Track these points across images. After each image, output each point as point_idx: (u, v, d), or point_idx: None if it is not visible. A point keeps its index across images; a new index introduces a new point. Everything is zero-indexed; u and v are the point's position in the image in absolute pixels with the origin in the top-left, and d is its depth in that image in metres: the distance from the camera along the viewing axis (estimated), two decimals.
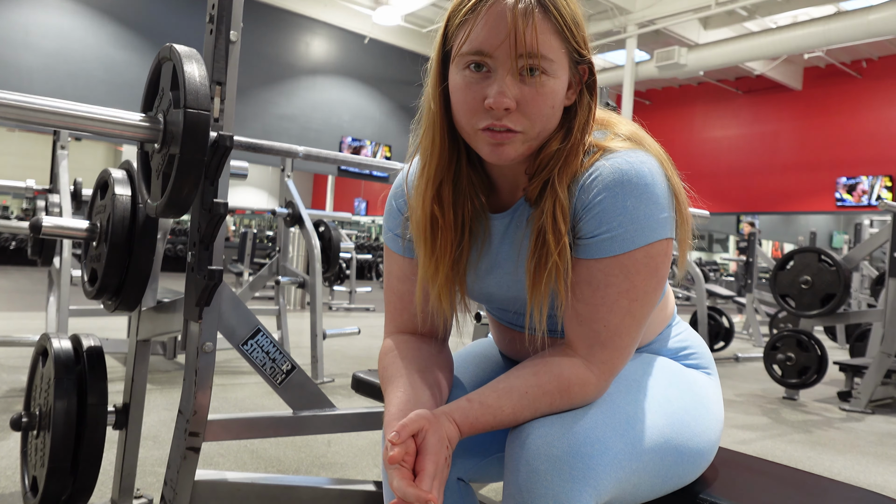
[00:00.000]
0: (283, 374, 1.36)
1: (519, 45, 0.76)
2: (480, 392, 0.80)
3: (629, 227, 0.78)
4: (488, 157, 0.81)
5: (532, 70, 0.77)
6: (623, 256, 0.79)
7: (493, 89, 0.77)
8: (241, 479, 1.41)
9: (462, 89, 0.80)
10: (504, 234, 0.90)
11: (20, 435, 1.55)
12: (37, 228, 1.42)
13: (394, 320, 0.97)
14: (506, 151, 0.80)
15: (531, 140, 0.81)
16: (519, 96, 0.78)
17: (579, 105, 0.83)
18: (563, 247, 0.80)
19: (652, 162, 0.81)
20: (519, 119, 0.78)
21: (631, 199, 0.78)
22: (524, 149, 0.81)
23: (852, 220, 10.55)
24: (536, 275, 0.82)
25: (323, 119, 13.43)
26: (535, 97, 0.78)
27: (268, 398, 2.92)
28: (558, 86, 0.80)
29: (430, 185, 0.87)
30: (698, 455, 0.88)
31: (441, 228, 0.87)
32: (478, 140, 0.81)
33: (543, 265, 0.81)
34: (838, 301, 3.56)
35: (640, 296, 0.80)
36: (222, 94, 1.22)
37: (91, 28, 10.84)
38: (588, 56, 0.82)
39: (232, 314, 1.30)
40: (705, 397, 0.94)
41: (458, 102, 0.81)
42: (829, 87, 14.43)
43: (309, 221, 3.53)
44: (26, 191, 3.26)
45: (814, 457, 2.59)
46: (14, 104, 1.09)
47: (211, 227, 1.19)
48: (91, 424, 1.34)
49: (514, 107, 0.78)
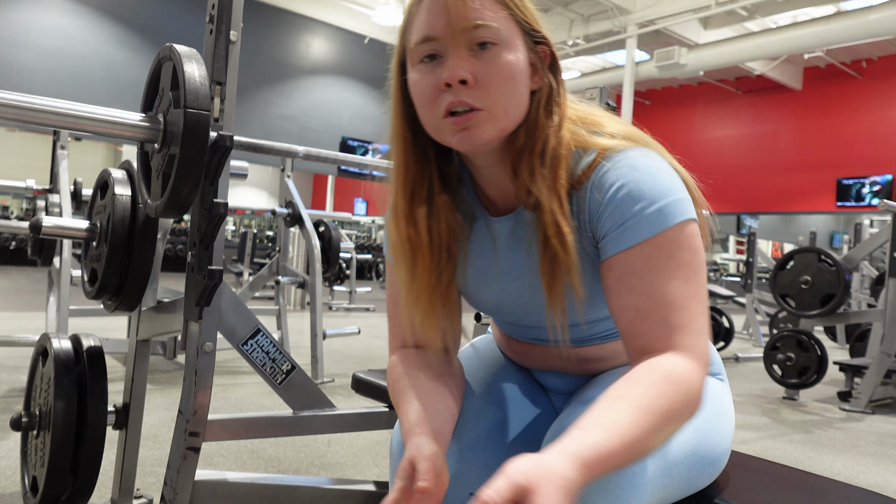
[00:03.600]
0: (283, 374, 1.36)
1: (455, 19, 0.75)
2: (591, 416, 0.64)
3: (655, 209, 0.74)
4: (458, 145, 0.78)
5: (482, 44, 0.76)
6: (658, 237, 0.74)
7: (446, 67, 0.76)
8: (241, 479, 1.41)
9: (419, 82, 0.79)
10: (510, 239, 0.87)
11: (20, 435, 1.55)
12: (37, 228, 1.42)
13: (398, 336, 0.93)
14: (474, 135, 0.77)
15: (499, 121, 0.77)
16: (474, 70, 0.76)
17: (540, 88, 0.81)
18: (564, 241, 0.77)
19: (654, 155, 0.79)
20: (479, 94, 0.76)
21: (647, 184, 0.75)
22: (494, 131, 0.78)
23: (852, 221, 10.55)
24: (551, 274, 0.78)
25: (323, 119, 13.43)
26: (490, 69, 0.76)
27: (268, 398, 2.92)
28: (514, 57, 0.77)
29: (403, 203, 0.84)
30: (717, 462, 0.87)
31: (418, 251, 0.84)
32: (444, 131, 0.78)
33: (554, 263, 0.78)
34: (838, 301, 3.56)
35: (692, 274, 0.74)
36: (222, 94, 1.22)
37: (91, 28, 10.85)
38: (542, 32, 0.81)
39: (232, 314, 1.30)
40: (721, 405, 0.93)
41: (419, 96, 0.79)
42: (829, 87, 14.43)
43: (309, 221, 3.53)
44: (26, 191, 3.27)
45: (814, 457, 2.59)
46: (14, 104, 1.09)
47: (211, 228, 1.19)
48: (91, 424, 1.34)
49: (472, 80, 0.75)
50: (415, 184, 0.84)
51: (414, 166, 0.84)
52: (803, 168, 14.64)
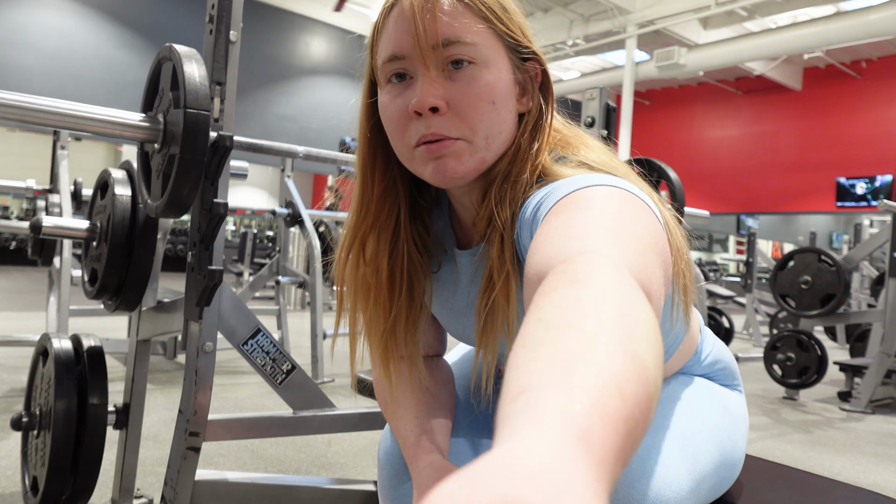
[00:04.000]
0: (284, 374, 1.36)
1: (422, 36, 0.65)
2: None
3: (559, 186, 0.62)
4: (432, 177, 0.68)
5: (457, 63, 0.66)
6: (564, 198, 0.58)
7: (415, 91, 0.66)
8: (242, 479, 1.41)
9: (388, 106, 0.69)
10: (473, 273, 0.78)
11: (20, 435, 1.55)
12: (37, 228, 1.42)
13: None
14: (449, 165, 0.67)
15: (479, 150, 0.67)
16: (447, 95, 0.66)
17: (528, 111, 0.71)
18: (506, 280, 0.67)
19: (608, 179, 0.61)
20: (454, 122, 0.66)
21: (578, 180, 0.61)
22: (473, 163, 0.68)
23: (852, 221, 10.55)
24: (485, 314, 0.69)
25: (323, 119, 13.43)
26: (467, 92, 0.66)
27: (268, 398, 2.92)
28: (494, 77, 0.67)
29: (359, 242, 0.76)
30: (734, 474, 0.87)
31: (375, 292, 0.76)
32: (416, 161, 0.69)
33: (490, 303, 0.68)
34: (838, 301, 3.56)
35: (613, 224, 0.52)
36: (222, 94, 1.22)
37: (91, 28, 10.85)
38: (530, 46, 0.71)
39: (232, 314, 1.30)
40: (739, 418, 0.92)
41: (388, 122, 0.70)
42: (829, 88, 14.43)
43: (309, 221, 3.53)
44: (26, 191, 3.27)
45: (814, 457, 2.59)
46: (14, 104, 1.09)
47: (211, 228, 1.19)
48: (91, 424, 1.34)
49: (444, 106, 0.66)
50: (379, 218, 0.75)
51: (380, 199, 0.75)
52: (803, 168, 14.65)
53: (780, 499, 0.92)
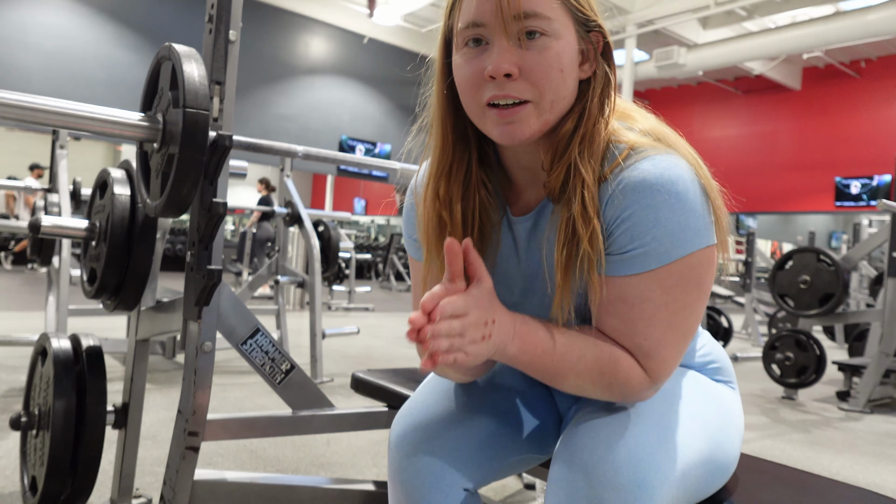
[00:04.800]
0: (283, 374, 1.36)
1: (505, 7, 0.72)
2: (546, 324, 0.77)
3: (663, 241, 0.72)
4: (499, 138, 0.77)
5: (530, 33, 0.73)
6: (658, 271, 0.73)
7: (491, 58, 0.74)
8: (241, 479, 1.41)
9: (463, 67, 0.77)
10: (528, 240, 0.85)
11: (19, 434, 1.55)
12: (36, 228, 1.42)
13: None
14: (518, 129, 0.75)
15: (545, 113, 0.75)
16: (520, 62, 0.73)
17: (595, 76, 0.78)
18: (593, 232, 0.74)
19: (681, 164, 0.75)
20: (525, 87, 0.74)
21: (664, 210, 0.72)
22: (538, 124, 0.76)
23: (851, 220, 10.55)
24: (567, 266, 0.76)
25: (322, 119, 13.43)
26: (539, 61, 0.73)
27: (267, 398, 2.92)
28: (563, 48, 0.74)
29: (435, 183, 0.84)
30: (726, 470, 0.87)
31: (449, 229, 0.83)
32: (486, 121, 0.77)
33: (574, 255, 0.75)
34: (837, 301, 3.56)
35: (681, 309, 0.75)
36: (221, 94, 1.22)
37: (91, 28, 10.83)
38: (596, 19, 0.78)
39: (231, 314, 1.30)
40: (732, 412, 0.93)
41: (462, 82, 0.78)
42: (828, 88, 14.44)
43: (308, 221, 3.53)
44: (26, 190, 3.27)
45: (812, 456, 2.59)
46: (13, 104, 1.09)
47: (210, 227, 1.19)
48: (90, 424, 1.34)
49: (517, 73, 0.73)
50: (452, 164, 0.83)
51: (453, 147, 0.83)
52: (802, 168, 14.65)
53: (778, 499, 0.92)
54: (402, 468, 0.87)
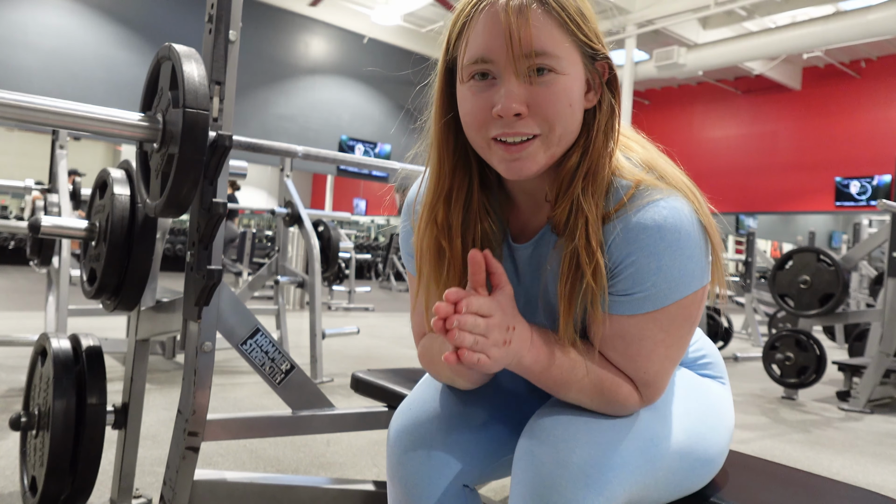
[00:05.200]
0: (283, 374, 1.36)
1: (516, 46, 0.71)
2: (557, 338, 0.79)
3: (664, 287, 0.75)
4: (506, 173, 0.76)
5: (539, 70, 0.72)
6: (658, 312, 0.76)
7: (499, 95, 0.73)
8: (240, 479, 1.41)
9: (469, 101, 0.76)
10: (528, 266, 0.86)
11: (19, 435, 1.55)
12: (35, 228, 1.42)
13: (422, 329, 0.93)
14: (524, 166, 0.75)
15: (552, 146, 0.75)
16: (529, 99, 0.73)
17: (599, 108, 0.78)
18: (596, 267, 0.75)
19: (683, 209, 0.75)
20: (533, 123, 0.73)
21: (665, 257, 0.74)
22: (545, 158, 0.75)
23: (851, 220, 10.56)
24: (571, 298, 0.77)
25: (322, 119, 13.43)
26: (547, 97, 0.73)
27: (267, 398, 2.92)
28: (571, 83, 0.74)
29: (432, 209, 0.82)
30: (710, 463, 0.88)
31: (448, 259, 0.82)
32: (492, 155, 0.76)
33: (577, 288, 0.76)
34: (837, 301, 3.56)
35: (675, 341, 0.79)
36: (221, 94, 1.22)
37: (90, 27, 10.83)
38: (603, 51, 0.77)
39: (231, 314, 1.30)
40: (719, 407, 0.94)
41: (467, 115, 0.77)
42: (828, 87, 14.44)
43: (308, 221, 3.53)
44: (25, 190, 3.27)
45: (812, 456, 2.59)
46: (13, 104, 1.09)
47: (210, 227, 1.18)
48: (90, 424, 1.34)
49: (526, 112, 0.73)
50: (451, 189, 0.82)
51: (452, 172, 0.82)
52: (802, 168, 14.65)
53: (778, 499, 0.92)
54: (401, 464, 0.88)
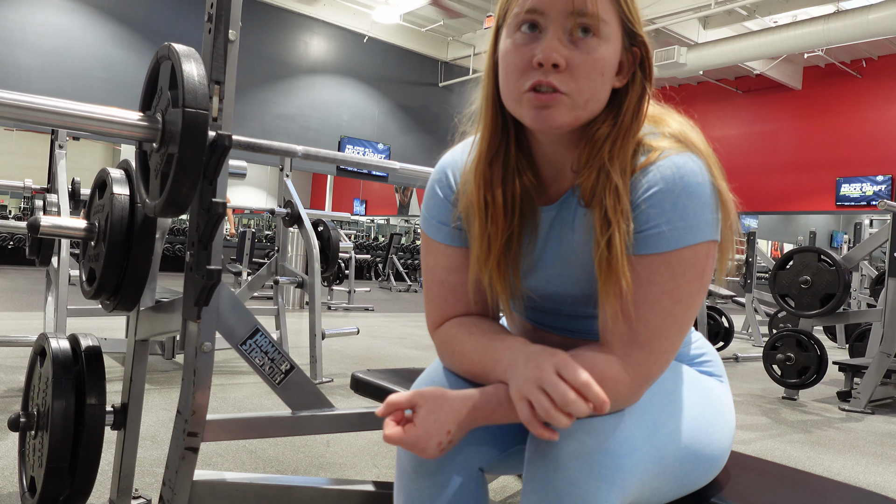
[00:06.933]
0: (282, 374, 1.36)
1: (568, 1, 0.75)
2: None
3: (678, 224, 0.77)
4: (532, 122, 0.79)
5: (585, 30, 0.76)
6: (670, 254, 0.77)
7: (542, 45, 0.76)
8: (240, 480, 1.41)
9: (511, 52, 0.79)
10: (550, 229, 0.88)
11: (18, 435, 1.55)
12: (35, 228, 1.42)
13: (444, 312, 0.92)
14: (551, 116, 0.77)
15: (578, 108, 0.78)
16: (569, 56, 0.76)
17: (631, 86, 0.82)
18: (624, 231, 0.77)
19: (698, 163, 0.80)
20: (566, 80, 0.76)
21: (682, 197, 0.77)
22: (570, 117, 0.78)
23: (852, 220, 10.55)
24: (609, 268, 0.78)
25: (322, 118, 13.43)
26: (586, 59, 0.76)
27: (266, 398, 2.92)
28: (609, 53, 0.78)
29: (480, 163, 0.86)
30: (713, 461, 0.88)
31: (491, 210, 0.85)
32: (522, 106, 0.79)
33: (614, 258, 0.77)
34: (838, 301, 3.56)
35: (684, 298, 0.78)
36: (221, 94, 1.21)
37: (89, 27, 10.83)
38: (643, 36, 0.81)
39: (230, 314, 1.29)
40: (721, 404, 0.94)
41: (507, 65, 0.80)
42: (829, 87, 14.43)
43: (308, 221, 3.53)
44: (24, 190, 3.27)
45: (813, 457, 2.59)
46: (13, 103, 1.09)
47: (209, 227, 1.18)
48: (89, 424, 1.34)
49: (564, 65, 0.76)
50: (496, 146, 0.86)
51: (499, 130, 0.85)
52: (803, 168, 14.65)
53: (778, 499, 0.92)
54: (410, 478, 0.86)
